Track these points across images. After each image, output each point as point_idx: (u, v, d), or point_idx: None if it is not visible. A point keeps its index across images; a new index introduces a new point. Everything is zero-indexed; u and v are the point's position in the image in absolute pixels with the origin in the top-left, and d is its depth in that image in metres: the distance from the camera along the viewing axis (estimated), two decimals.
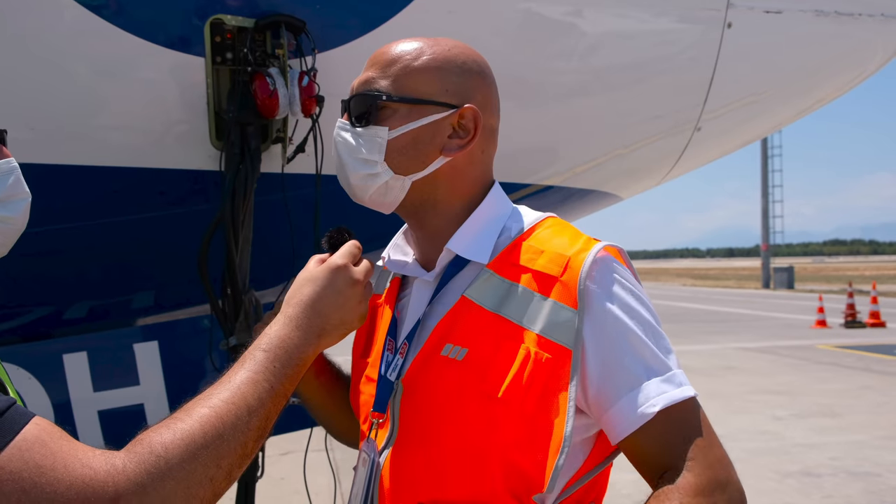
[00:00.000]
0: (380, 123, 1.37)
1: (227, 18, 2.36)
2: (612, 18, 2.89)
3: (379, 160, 1.37)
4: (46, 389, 2.65)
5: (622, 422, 1.24)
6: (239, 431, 1.09)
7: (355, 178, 1.40)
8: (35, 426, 1.00)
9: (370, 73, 1.40)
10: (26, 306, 2.91)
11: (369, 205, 1.44)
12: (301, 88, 2.38)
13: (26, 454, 0.96)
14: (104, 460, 1.00)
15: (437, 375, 1.31)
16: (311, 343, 1.24)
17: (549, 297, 1.27)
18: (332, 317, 1.27)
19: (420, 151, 1.37)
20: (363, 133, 1.37)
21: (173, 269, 2.84)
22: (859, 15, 3.17)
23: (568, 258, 1.29)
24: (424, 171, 1.38)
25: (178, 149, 2.54)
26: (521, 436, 1.23)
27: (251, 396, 1.13)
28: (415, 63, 1.37)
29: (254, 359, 1.18)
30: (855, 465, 6.96)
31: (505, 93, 1.52)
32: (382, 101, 1.36)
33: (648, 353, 1.26)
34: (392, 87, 1.37)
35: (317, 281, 1.28)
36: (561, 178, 3.33)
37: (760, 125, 3.76)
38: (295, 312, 1.25)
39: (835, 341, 16.35)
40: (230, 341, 2.53)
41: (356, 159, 1.38)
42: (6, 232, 1.40)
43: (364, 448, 1.40)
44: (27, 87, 2.29)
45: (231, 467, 1.09)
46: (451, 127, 1.38)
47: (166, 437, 1.03)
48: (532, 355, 1.24)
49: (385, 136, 1.36)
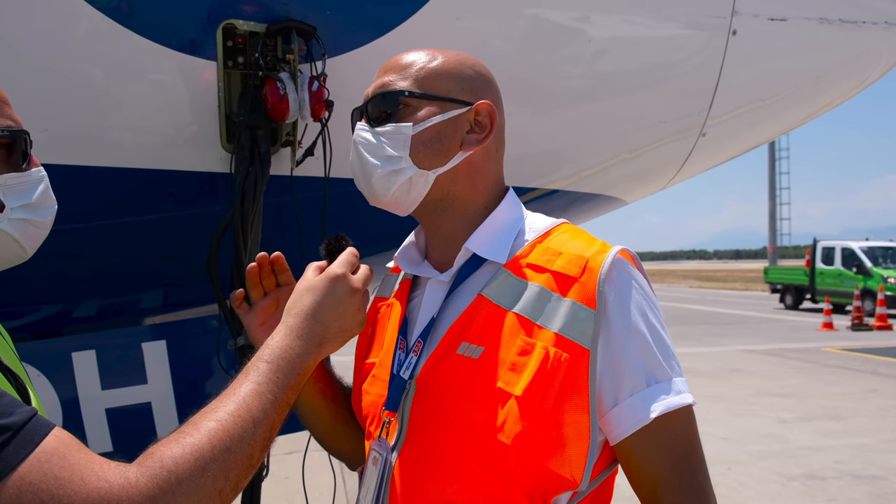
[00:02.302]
0: (402, 121, 1.41)
1: (238, 23, 2.40)
2: (617, 25, 2.91)
3: (404, 155, 1.40)
4: (55, 387, 2.69)
5: (621, 424, 1.28)
6: (245, 443, 1.13)
7: (378, 177, 1.42)
8: (55, 438, 1.04)
9: (387, 77, 1.44)
10: (37, 304, 2.95)
11: (389, 205, 1.47)
12: (311, 93, 2.41)
13: (45, 466, 1.00)
14: (119, 474, 1.03)
15: (452, 373, 1.33)
16: (312, 352, 1.27)
17: (567, 297, 1.31)
18: (333, 325, 1.30)
19: (443, 146, 1.41)
20: (386, 131, 1.41)
21: (183, 269, 2.87)
22: (863, 23, 3.18)
23: (586, 260, 1.33)
24: (447, 165, 1.42)
25: (189, 151, 2.58)
26: (541, 434, 1.25)
27: (256, 408, 1.16)
28: (431, 65, 1.43)
29: (257, 370, 1.21)
30: (860, 469, 6.96)
31: (512, 97, 1.57)
32: (405, 97, 1.41)
33: (653, 359, 1.30)
34: (412, 86, 1.42)
35: (316, 290, 1.31)
36: (566, 182, 3.35)
37: (765, 130, 3.78)
38: (296, 322, 1.28)
39: (841, 344, 16.31)
40: (237, 341, 2.57)
41: (380, 157, 1.41)
42: (36, 235, 1.51)
43: (374, 447, 1.40)
44: (41, 90, 2.33)
45: (238, 479, 1.12)
46: (469, 122, 1.43)
47: (176, 452, 1.07)
48: (552, 354, 1.27)
49: (410, 131, 1.40)
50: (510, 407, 1.26)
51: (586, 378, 1.26)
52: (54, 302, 2.96)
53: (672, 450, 1.29)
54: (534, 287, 1.34)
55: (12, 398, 1.07)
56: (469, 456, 1.28)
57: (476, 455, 1.28)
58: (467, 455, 1.28)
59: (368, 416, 1.47)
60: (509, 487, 1.26)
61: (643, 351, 1.30)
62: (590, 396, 1.26)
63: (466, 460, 1.28)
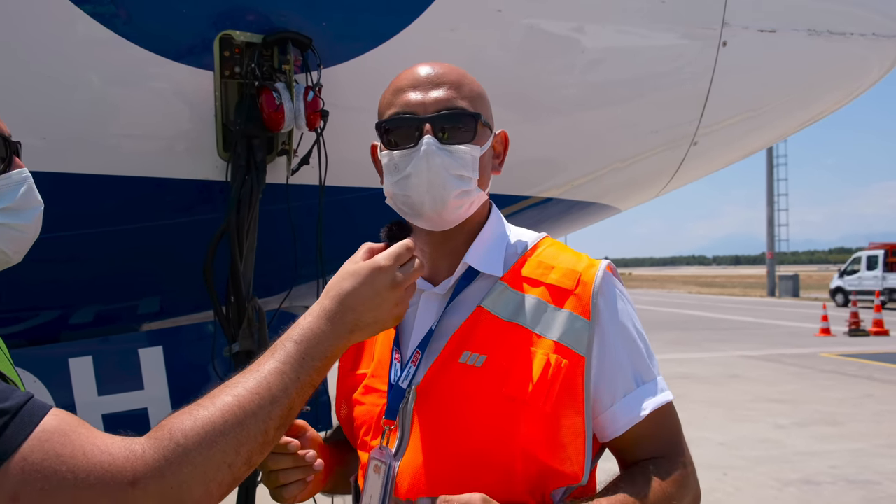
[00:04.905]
0: (472, 142, 1.43)
1: (235, 34, 2.43)
2: (609, 36, 2.94)
3: (475, 177, 1.43)
4: (52, 392, 2.70)
5: (616, 422, 1.40)
6: (260, 420, 1.13)
7: (453, 195, 1.40)
8: (54, 417, 1.06)
9: (443, 92, 1.41)
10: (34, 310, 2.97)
11: (445, 222, 1.43)
12: (306, 103, 2.45)
13: (46, 444, 1.02)
14: (123, 446, 1.05)
15: (455, 381, 1.38)
16: (342, 337, 1.25)
17: (564, 307, 1.40)
18: (367, 316, 1.27)
19: (488, 170, 1.48)
20: (459, 150, 1.40)
21: (179, 276, 2.90)
22: (851, 34, 3.23)
23: (580, 273, 1.43)
24: (489, 187, 1.50)
25: (186, 159, 2.61)
26: (543, 434, 1.34)
27: (276, 387, 1.16)
28: (475, 87, 1.47)
29: (284, 349, 1.20)
30: (855, 474, 6.97)
31: (505, 107, 1.61)
32: (481, 121, 1.43)
33: (640, 362, 1.43)
34: (473, 107, 1.43)
35: (358, 276, 1.27)
36: (560, 190, 3.39)
37: (758, 139, 3.82)
38: (331, 305, 1.26)
39: (838, 349, 16.33)
40: (233, 348, 2.59)
41: (454, 175, 1.40)
42: (20, 239, 1.45)
43: (375, 455, 1.42)
44: (40, 98, 2.36)
45: (251, 454, 1.12)
46: (493, 148, 1.51)
47: (187, 424, 1.08)
48: (553, 361, 1.35)
49: (478, 154, 1.43)
50: (515, 410, 1.33)
51: (582, 382, 1.36)
52: (51, 308, 2.98)
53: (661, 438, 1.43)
54: (531, 299, 1.41)
55: (7, 386, 1.09)
56: (474, 458, 1.34)
57: (481, 457, 1.34)
58: (472, 457, 1.34)
59: (363, 425, 1.49)
60: (513, 485, 1.33)
61: (632, 355, 1.43)
62: (584, 399, 1.36)
63: (471, 462, 1.34)
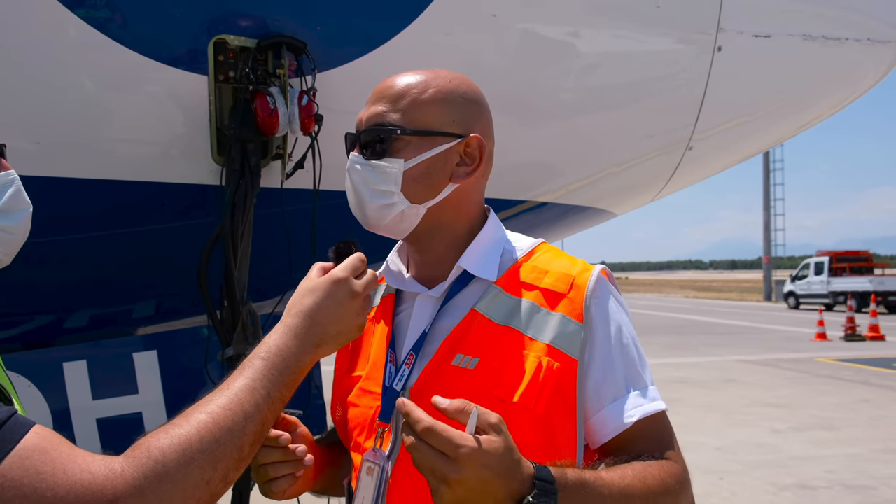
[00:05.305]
0: (394, 155, 1.42)
1: (230, 38, 2.43)
2: (605, 41, 2.95)
3: (396, 191, 1.42)
4: (46, 396, 2.70)
5: (603, 428, 1.38)
6: (235, 436, 1.14)
7: (372, 209, 1.44)
8: (35, 434, 1.06)
9: (379, 106, 1.44)
10: (28, 315, 2.97)
11: (383, 232, 1.49)
12: (301, 107, 2.45)
13: (27, 462, 1.02)
14: (103, 465, 1.05)
15: (448, 383, 1.37)
16: (308, 352, 1.28)
17: (556, 311, 1.39)
18: (330, 328, 1.30)
19: (433, 180, 1.43)
20: (379, 165, 1.42)
21: (173, 280, 2.89)
22: (846, 39, 3.24)
23: (573, 277, 1.42)
24: (437, 198, 1.45)
25: (181, 163, 2.61)
26: (535, 437, 1.33)
27: (248, 403, 1.18)
28: (422, 96, 1.43)
29: (252, 366, 1.23)
30: (850, 478, 6.98)
31: (501, 111, 1.60)
32: (397, 134, 1.41)
33: (631, 368, 1.41)
34: (403, 120, 1.42)
35: (317, 292, 1.30)
36: (555, 194, 3.39)
37: (753, 144, 3.82)
38: (294, 322, 1.29)
39: (834, 354, 16.34)
40: (227, 352, 2.59)
41: (373, 190, 1.43)
42: (8, 242, 1.43)
43: (368, 458, 1.42)
44: (33, 102, 2.36)
45: (227, 470, 1.14)
46: (459, 155, 1.45)
47: (164, 443, 1.09)
48: (544, 363, 1.35)
49: (401, 167, 1.41)
50: (506, 413, 1.30)
51: (574, 385, 1.35)
52: (45, 312, 2.97)
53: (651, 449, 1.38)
54: (525, 303, 1.41)
55: None
56: None
57: None
58: None
59: (357, 427, 1.49)
60: None
61: (624, 360, 1.40)
62: (577, 402, 1.35)
63: None
